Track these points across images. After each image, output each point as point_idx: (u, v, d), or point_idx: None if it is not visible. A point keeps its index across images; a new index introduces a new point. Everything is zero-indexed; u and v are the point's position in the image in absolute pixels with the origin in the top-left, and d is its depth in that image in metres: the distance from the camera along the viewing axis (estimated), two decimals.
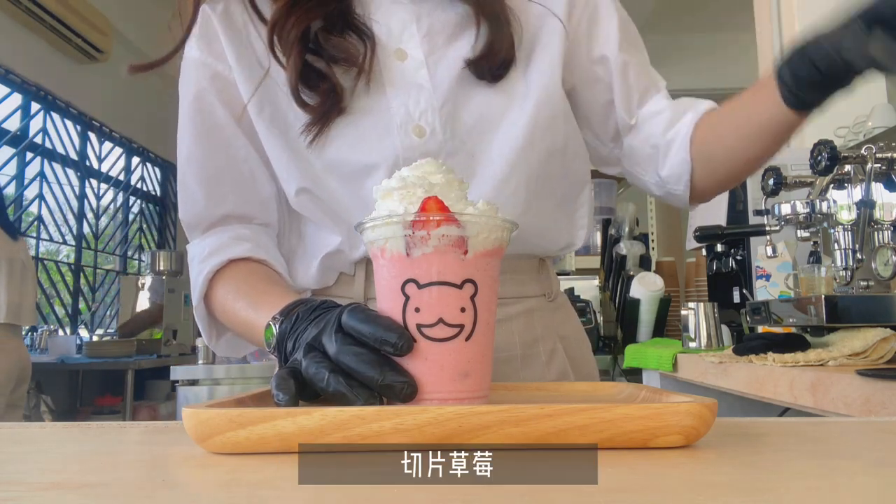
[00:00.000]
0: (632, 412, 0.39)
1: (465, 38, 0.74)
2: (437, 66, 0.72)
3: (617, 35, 0.80)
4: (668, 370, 1.69)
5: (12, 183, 3.74)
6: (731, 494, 0.30)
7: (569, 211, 0.79)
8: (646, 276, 2.37)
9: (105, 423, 0.55)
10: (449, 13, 0.75)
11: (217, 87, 0.73)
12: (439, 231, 0.45)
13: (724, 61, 5.04)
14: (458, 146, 0.71)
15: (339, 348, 0.46)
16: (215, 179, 0.74)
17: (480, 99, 0.72)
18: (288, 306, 0.56)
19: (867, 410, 0.91)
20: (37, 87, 3.75)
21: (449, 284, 0.46)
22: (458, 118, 0.71)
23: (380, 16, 0.73)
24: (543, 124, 0.73)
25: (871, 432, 0.47)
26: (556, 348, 0.77)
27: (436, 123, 0.70)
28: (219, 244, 0.73)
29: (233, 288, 0.70)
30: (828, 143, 1.30)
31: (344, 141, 0.70)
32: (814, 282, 1.37)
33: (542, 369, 0.75)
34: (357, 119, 0.70)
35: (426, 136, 0.70)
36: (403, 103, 0.70)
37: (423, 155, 0.68)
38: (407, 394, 0.44)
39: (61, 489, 0.33)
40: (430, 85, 0.71)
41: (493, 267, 0.48)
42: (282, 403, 0.44)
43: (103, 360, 3.47)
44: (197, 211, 0.75)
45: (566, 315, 0.82)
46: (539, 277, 0.78)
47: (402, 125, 0.69)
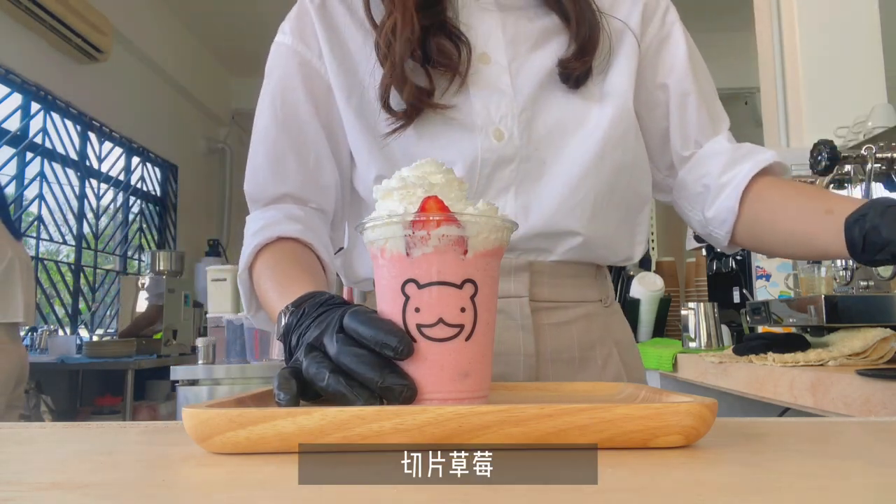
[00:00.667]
0: (632, 412, 0.39)
1: (550, 47, 0.77)
2: (518, 72, 0.74)
3: (684, 64, 0.82)
4: (668, 370, 1.69)
5: (12, 183, 3.74)
6: (731, 494, 0.30)
7: (630, 225, 0.81)
8: (646, 276, 2.37)
9: (105, 423, 0.55)
10: (535, 23, 0.78)
11: (303, 73, 0.77)
12: (439, 231, 0.45)
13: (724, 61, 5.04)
14: (531, 152, 0.73)
15: (339, 349, 0.46)
16: (283, 158, 0.78)
17: (559, 106, 0.75)
18: (300, 298, 0.57)
19: (867, 410, 0.91)
20: (37, 87, 3.75)
21: (449, 284, 0.46)
22: (535, 125, 0.73)
23: (470, 23, 0.76)
24: (616, 138, 0.75)
25: (871, 432, 0.47)
26: (612, 353, 0.79)
27: (514, 128, 0.72)
28: (272, 220, 0.75)
29: (270, 266, 0.72)
30: (828, 143, 1.30)
31: (427, 136, 0.72)
32: (814, 282, 1.37)
33: (598, 373, 0.77)
34: (442, 117, 0.72)
35: (504, 140, 0.72)
36: (485, 106, 0.73)
37: (501, 158, 0.72)
38: (406, 396, 0.44)
39: (61, 489, 0.33)
40: (511, 90, 0.73)
41: (492, 267, 0.48)
42: (283, 403, 0.45)
43: (103, 360, 3.47)
44: (260, 184, 0.78)
45: (619, 321, 0.84)
46: (596, 283, 0.80)
47: (482, 127, 0.72)
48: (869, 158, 1.29)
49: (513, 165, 0.72)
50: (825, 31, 2.35)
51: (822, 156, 1.31)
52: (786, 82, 2.43)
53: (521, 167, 0.72)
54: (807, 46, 2.35)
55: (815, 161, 1.33)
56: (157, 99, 4.91)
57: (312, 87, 0.77)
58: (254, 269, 0.75)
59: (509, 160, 0.72)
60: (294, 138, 0.78)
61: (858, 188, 1.34)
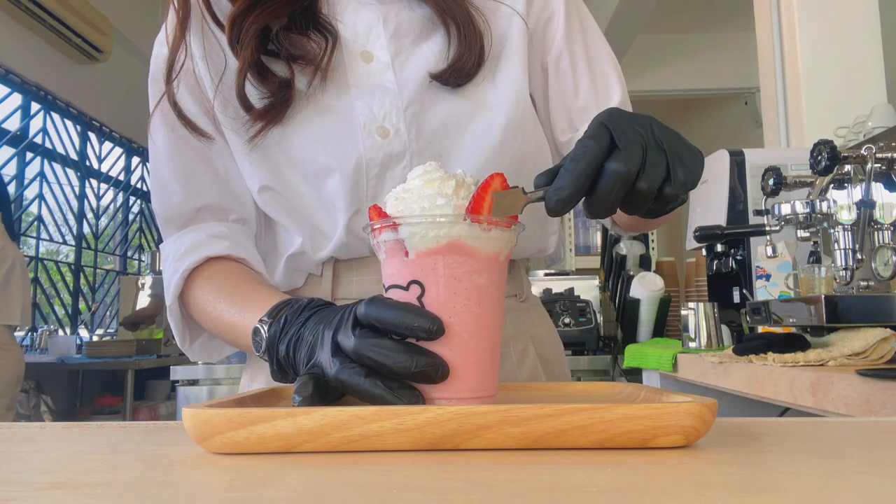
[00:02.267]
0: (632, 412, 0.39)
1: (433, 40, 0.73)
2: (403, 67, 0.72)
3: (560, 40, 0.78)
4: (668, 370, 1.69)
5: (12, 183, 3.74)
6: (731, 494, 0.30)
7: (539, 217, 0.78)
8: (646, 276, 2.37)
9: (105, 423, 0.55)
10: (416, 14, 0.74)
11: (188, 83, 0.73)
12: (382, 237, 0.47)
13: (724, 61, 5.05)
14: (423, 146, 0.70)
15: (358, 342, 0.45)
16: (192, 172, 0.74)
17: (449, 99, 0.72)
18: (274, 308, 0.55)
19: (867, 410, 0.91)
20: (37, 87, 3.75)
21: (398, 287, 0.47)
22: (424, 119, 0.71)
23: (346, 17, 0.73)
24: (514, 127, 0.72)
25: (871, 432, 0.47)
26: (527, 349, 0.77)
27: (400, 124, 0.70)
28: (196, 241, 0.72)
29: (213, 287, 0.69)
30: (828, 143, 1.30)
31: (307, 139, 0.69)
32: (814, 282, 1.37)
33: (512, 369, 0.75)
34: (321, 118, 0.70)
35: (390, 137, 0.69)
36: (368, 104, 0.70)
37: (388, 155, 0.69)
38: (442, 375, 0.44)
39: (61, 489, 0.33)
40: (395, 87, 0.71)
41: (447, 265, 0.46)
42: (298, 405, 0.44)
43: (103, 360, 3.47)
44: (174, 203, 0.74)
45: (538, 316, 0.82)
46: (511, 278, 0.78)
47: (365, 125, 0.69)
48: (869, 158, 1.29)
49: (404, 162, 0.69)
50: (825, 31, 2.35)
51: (822, 156, 1.31)
52: (786, 82, 2.43)
53: (415, 163, 0.69)
54: (807, 46, 2.35)
55: (815, 161, 1.33)
56: None
57: (200, 95, 0.73)
58: (188, 296, 0.71)
59: (399, 157, 0.69)
60: (198, 150, 0.73)
61: (858, 188, 1.34)
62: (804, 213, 1.39)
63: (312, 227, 0.72)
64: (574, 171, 0.45)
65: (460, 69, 0.71)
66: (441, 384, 0.46)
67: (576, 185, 0.45)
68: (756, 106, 4.64)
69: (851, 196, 1.37)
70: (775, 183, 1.48)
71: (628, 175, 0.44)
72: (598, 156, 0.45)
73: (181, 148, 0.74)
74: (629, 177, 0.44)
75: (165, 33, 0.74)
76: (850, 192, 1.37)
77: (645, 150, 0.45)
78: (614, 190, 0.45)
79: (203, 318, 0.70)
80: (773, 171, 1.49)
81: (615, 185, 0.44)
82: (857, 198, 1.34)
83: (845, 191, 1.39)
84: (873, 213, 1.30)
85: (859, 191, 1.33)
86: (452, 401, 0.46)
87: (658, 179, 0.46)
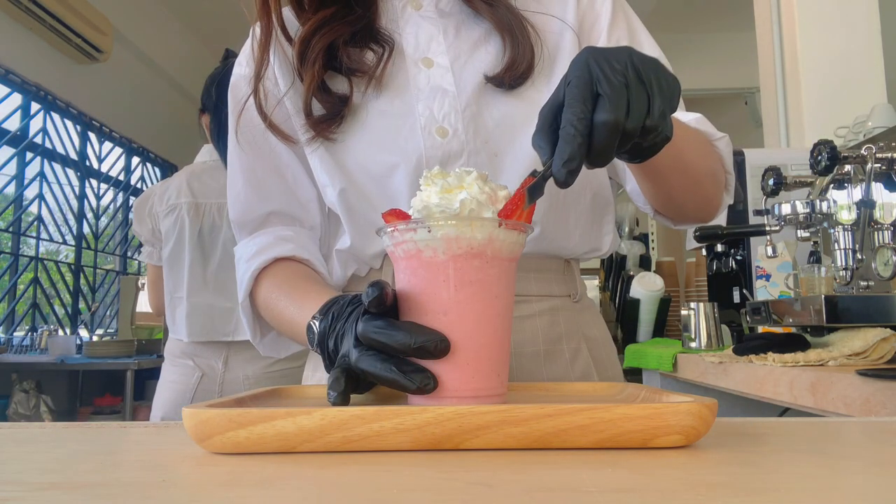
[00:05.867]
0: (632, 412, 0.39)
1: (489, 45, 0.78)
2: (461, 71, 0.76)
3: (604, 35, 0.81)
4: (668, 370, 1.69)
5: (12, 183, 3.74)
6: (731, 494, 0.30)
7: (595, 216, 0.81)
8: (646, 276, 2.37)
9: (105, 423, 0.55)
10: (474, 27, 0.79)
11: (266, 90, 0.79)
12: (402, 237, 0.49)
13: (724, 61, 5.04)
14: (480, 146, 0.74)
15: (362, 326, 0.48)
16: (262, 181, 0.81)
17: (503, 104, 0.76)
18: (325, 304, 0.58)
19: (867, 410, 0.91)
20: (37, 87, 3.75)
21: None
22: (481, 120, 0.75)
23: (408, 29, 0.78)
24: None
25: (871, 432, 0.47)
26: (581, 348, 0.79)
27: (458, 125, 0.74)
28: (265, 244, 0.78)
29: (276, 286, 0.74)
30: (828, 143, 1.31)
31: (370, 141, 0.75)
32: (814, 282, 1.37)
33: (565, 367, 0.77)
34: (384, 121, 0.75)
35: (448, 136, 0.73)
36: (428, 106, 0.74)
37: (447, 154, 0.73)
38: (442, 349, 0.46)
39: (61, 489, 0.33)
40: (454, 89, 0.75)
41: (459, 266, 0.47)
42: (333, 401, 0.46)
43: (103, 360, 3.47)
44: (245, 209, 0.81)
45: (592, 317, 0.84)
46: (564, 278, 0.80)
47: (425, 126, 0.74)
48: (869, 158, 1.29)
49: (461, 160, 0.74)
50: (825, 31, 2.35)
51: (822, 156, 1.31)
52: (786, 82, 2.43)
53: (472, 161, 0.74)
54: (807, 46, 2.35)
55: (815, 161, 1.33)
56: (157, 99, 4.91)
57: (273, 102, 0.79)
58: (256, 294, 0.77)
59: (457, 155, 0.73)
60: (268, 161, 0.80)
61: (858, 188, 1.34)
62: (804, 213, 1.39)
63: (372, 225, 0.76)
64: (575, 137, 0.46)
65: (515, 71, 0.75)
66: (450, 382, 0.46)
67: (581, 151, 0.46)
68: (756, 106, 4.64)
69: (851, 196, 1.37)
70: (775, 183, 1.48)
71: (618, 123, 0.46)
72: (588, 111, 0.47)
73: (253, 160, 0.81)
74: (619, 124, 0.46)
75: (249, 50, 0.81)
76: (850, 192, 1.37)
77: (628, 90, 0.47)
78: (609, 141, 0.46)
79: (268, 315, 0.75)
80: (773, 171, 1.49)
81: (609, 136, 0.46)
82: (857, 198, 1.34)
83: (845, 191, 1.39)
84: (873, 213, 1.30)
85: (859, 191, 1.33)
86: (463, 399, 0.46)
87: (642, 117, 0.47)
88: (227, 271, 1.85)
